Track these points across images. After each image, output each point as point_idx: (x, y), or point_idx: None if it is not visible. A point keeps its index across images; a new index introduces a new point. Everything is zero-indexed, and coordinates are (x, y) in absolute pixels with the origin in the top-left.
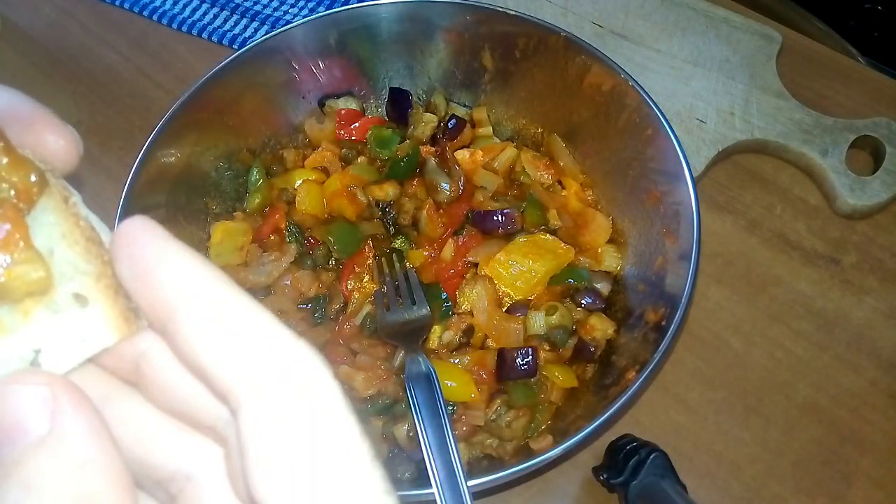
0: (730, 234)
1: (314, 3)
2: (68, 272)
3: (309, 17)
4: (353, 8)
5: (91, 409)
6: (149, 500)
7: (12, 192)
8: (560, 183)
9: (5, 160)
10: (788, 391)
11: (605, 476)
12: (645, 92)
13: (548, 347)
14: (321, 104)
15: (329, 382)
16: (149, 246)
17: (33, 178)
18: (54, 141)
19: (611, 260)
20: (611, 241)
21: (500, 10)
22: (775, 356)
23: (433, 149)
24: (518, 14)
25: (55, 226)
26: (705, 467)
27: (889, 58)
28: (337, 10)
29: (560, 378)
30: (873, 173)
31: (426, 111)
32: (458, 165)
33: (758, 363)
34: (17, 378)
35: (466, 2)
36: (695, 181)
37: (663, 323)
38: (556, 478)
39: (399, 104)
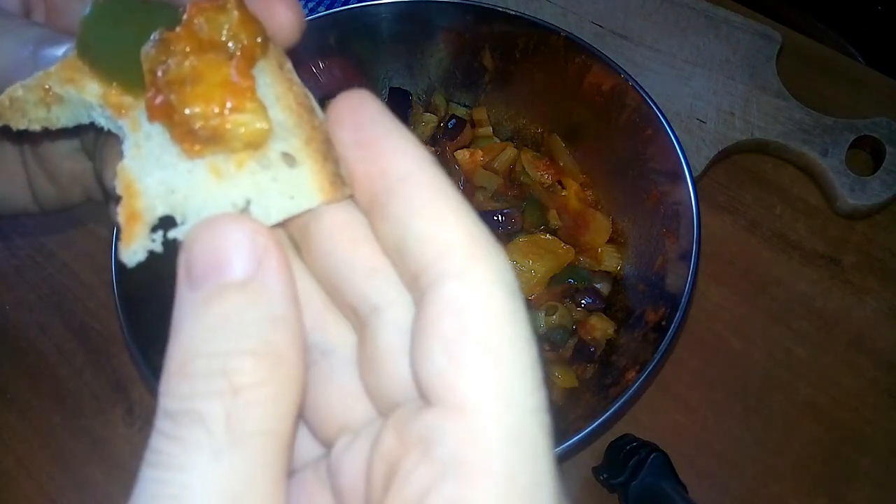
0: (730, 234)
1: (314, 3)
2: (280, 133)
3: (309, 17)
4: (353, 8)
5: (290, 268)
6: None
7: (239, 48)
8: (560, 183)
9: (237, 15)
10: (788, 391)
11: (605, 476)
12: (645, 92)
13: (548, 347)
14: (321, 104)
15: (520, 292)
16: (376, 116)
17: (259, 40)
18: (283, 13)
19: (611, 260)
20: (611, 241)
21: (500, 10)
22: (775, 356)
23: (433, 149)
24: (518, 14)
25: (270, 87)
26: (705, 467)
27: (889, 58)
28: (337, 10)
29: (560, 378)
30: (873, 173)
31: (426, 111)
32: (458, 165)
33: (758, 363)
34: (233, 217)
35: (466, 2)
36: (695, 181)
37: (663, 323)
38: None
39: (399, 104)
